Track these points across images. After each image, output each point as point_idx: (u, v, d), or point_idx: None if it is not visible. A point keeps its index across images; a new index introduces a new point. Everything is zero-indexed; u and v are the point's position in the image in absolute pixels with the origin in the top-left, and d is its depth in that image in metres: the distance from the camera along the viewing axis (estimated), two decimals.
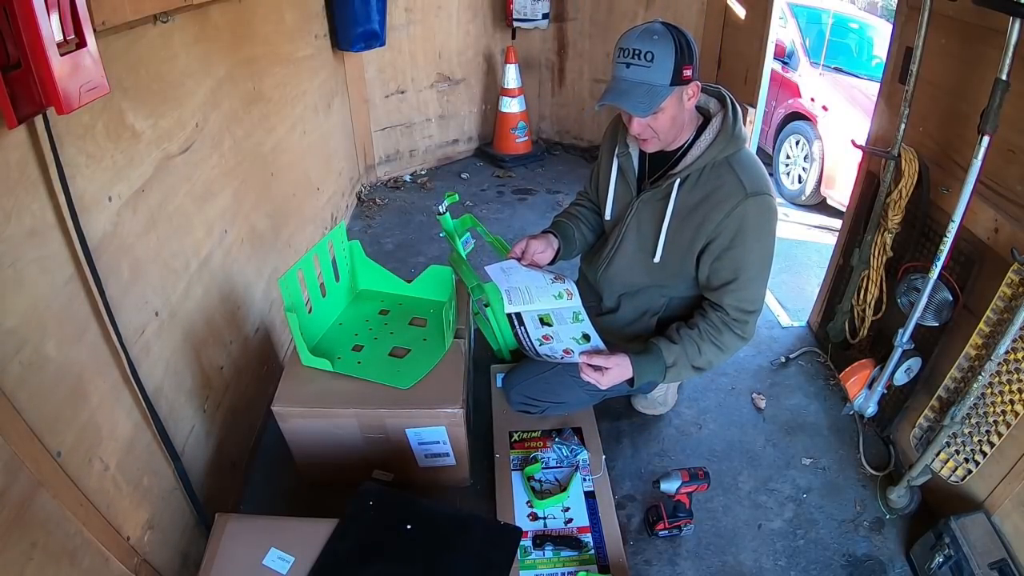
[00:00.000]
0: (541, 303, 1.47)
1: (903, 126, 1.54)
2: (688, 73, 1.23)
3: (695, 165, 1.33)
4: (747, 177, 1.30)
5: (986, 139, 1.18)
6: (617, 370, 1.37)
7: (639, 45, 1.20)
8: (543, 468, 1.55)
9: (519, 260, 1.56)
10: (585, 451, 1.59)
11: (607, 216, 1.54)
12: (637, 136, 1.33)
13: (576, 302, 1.53)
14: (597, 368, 1.37)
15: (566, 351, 1.41)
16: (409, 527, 1.13)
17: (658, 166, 1.43)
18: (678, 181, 1.35)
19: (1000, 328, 1.24)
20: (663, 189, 1.38)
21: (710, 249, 1.35)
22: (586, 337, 1.46)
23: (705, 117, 1.38)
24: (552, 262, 1.59)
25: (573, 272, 1.72)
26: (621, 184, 1.50)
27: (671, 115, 1.27)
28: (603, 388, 1.40)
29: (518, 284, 1.48)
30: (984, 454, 1.31)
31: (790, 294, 2.55)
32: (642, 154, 1.46)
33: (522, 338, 1.43)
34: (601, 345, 1.44)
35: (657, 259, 1.42)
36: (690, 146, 1.36)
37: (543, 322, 1.46)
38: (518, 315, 1.44)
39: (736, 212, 1.29)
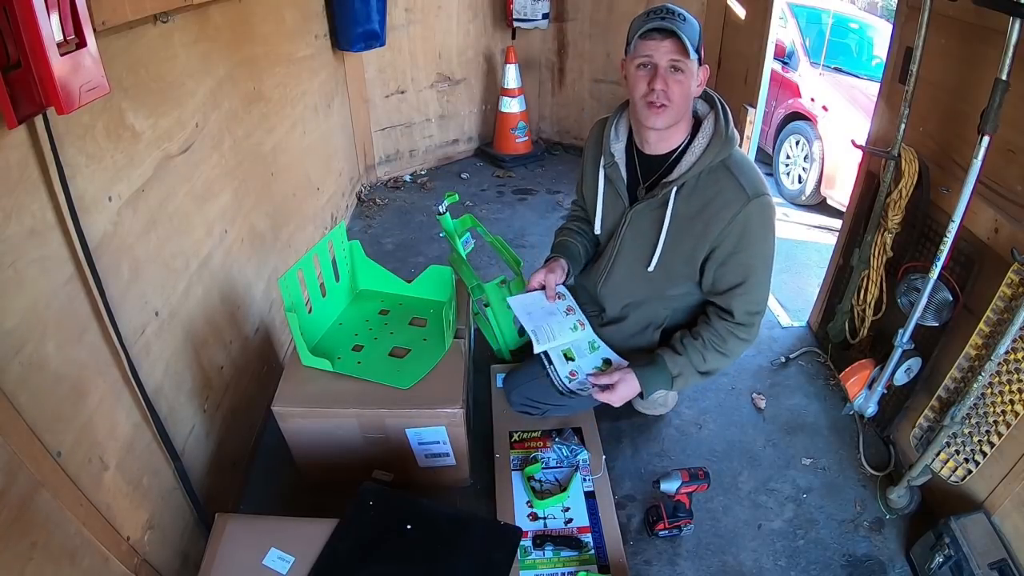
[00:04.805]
0: (562, 338, 1.51)
1: (903, 126, 1.53)
2: (702, 55, 1.24)
3: (691, 171, 1.31)
4: (746, 180, 1.29)
5: (986, 139, 1.18)
6: (623, 385, 1.40)
7: (670, 5, 1.21)
8: (543, 468, 1.55)
9: (544, 292, 1.55)
10: (585, 451, 1.59)
11: (597, 229, 1.53)
12: (656, 90, 1.23)
13: (588, 332, 1.56)
14: (606, 387, 1.40)
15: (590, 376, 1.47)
16: (409, 527, 1.13)
17: (650, 172, 1.40)
18: (675, 189, 1.33)
19: (1000, 328, 1.24)
20: (659, 198, 1.35)
21: (715, 256, 1.34)
22: (607, 362, 1.51)
23: (695, 119, 1.37)
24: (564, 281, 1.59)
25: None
26: (610, 195, 1.47)
27: (688, 87, 1.24)
28: (616, 405, 1.43)
29: (541, 323, 1.52)
30: (984, 454, 1.31)
31: (790, 294, 2.55)
32: (631, 161, 1.44)
33: (553, 378, 1.47)
34: (623, 361, 1.48)
35: (651, 269, 1.41)
36: (684, 151, 1.34)
37: (566, 357, 1.50)
38: (546, 354, 1.49)
39: (739, 217, 1.28)
